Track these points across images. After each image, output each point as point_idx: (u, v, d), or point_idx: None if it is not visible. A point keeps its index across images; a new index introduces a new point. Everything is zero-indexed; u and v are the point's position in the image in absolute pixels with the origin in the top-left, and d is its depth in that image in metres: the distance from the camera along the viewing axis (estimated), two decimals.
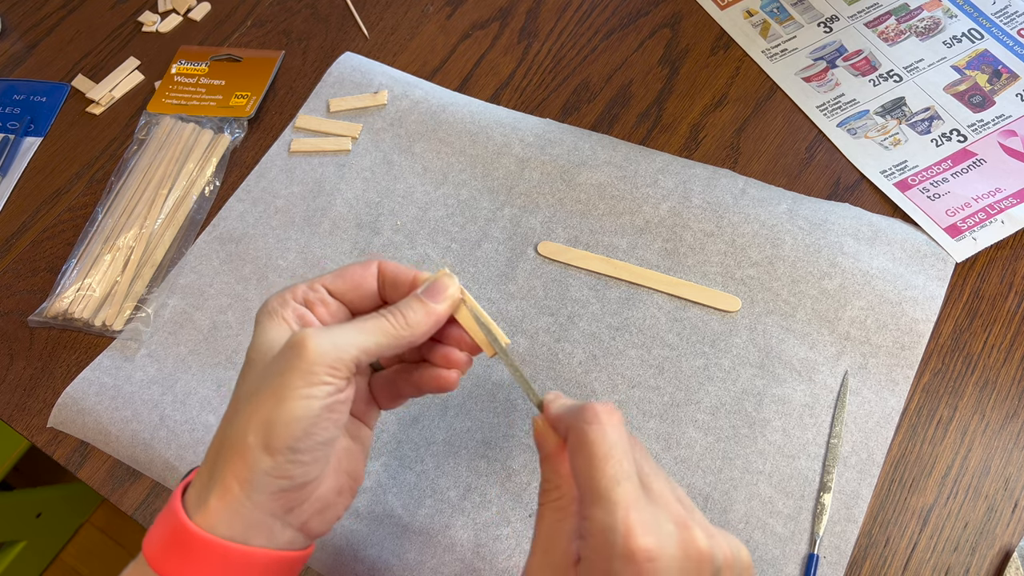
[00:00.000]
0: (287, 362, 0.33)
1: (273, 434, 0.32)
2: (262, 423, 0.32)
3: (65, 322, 0.58)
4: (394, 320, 0.36)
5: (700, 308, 0.54)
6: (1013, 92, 0.61)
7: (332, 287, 0.37)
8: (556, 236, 0.57)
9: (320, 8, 0.74)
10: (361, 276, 0.38)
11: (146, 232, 0.60)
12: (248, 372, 0.35)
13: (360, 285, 0.38)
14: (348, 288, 0.38)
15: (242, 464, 0.32)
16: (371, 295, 0.38)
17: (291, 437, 0.32)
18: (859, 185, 0.59)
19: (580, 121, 0.64)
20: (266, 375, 0.34)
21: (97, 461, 0.53)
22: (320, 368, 0.33)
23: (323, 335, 0.33)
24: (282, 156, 0.64)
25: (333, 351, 0.33)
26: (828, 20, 0.67)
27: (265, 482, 0.33)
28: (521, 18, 0.70)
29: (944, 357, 0.52)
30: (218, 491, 0.33)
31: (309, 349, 0.33)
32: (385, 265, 0.38)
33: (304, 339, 0.33)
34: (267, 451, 0.32)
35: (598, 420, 0.31)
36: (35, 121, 0.70)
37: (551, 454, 0.34)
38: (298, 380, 0.32)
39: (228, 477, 0.33)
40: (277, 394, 0.32)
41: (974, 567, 0.46)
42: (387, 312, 0.36)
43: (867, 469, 0.48)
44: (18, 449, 1.12)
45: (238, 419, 0.33)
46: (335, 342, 0.33)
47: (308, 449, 0.33)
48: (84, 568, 1.30)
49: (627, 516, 0.29)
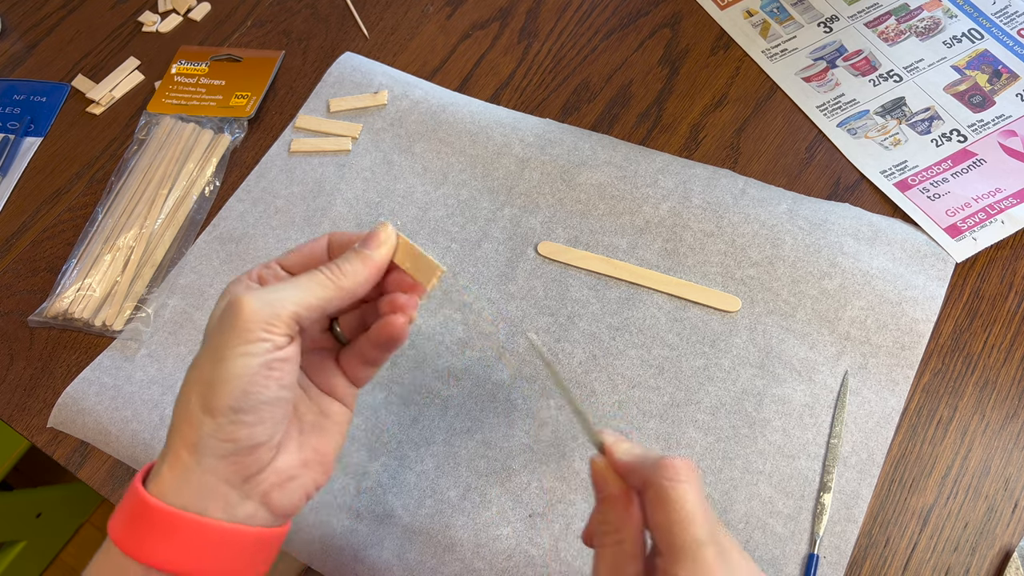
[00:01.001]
0: (225, 323, 0.33)
1: (212, 394, 0.32)
2: (202, 384, 0.33)
3: (65, 322, 0.58)
4: (330, 272, 0.36)
5: (700, 308, 0.54)
6: (1013, 92, 0.61)
7: (285, 262, 0.38)
8: (556, 236, 0.57)
9: (320, 8, 0.74)
10: (311, 249, 0.38)
11: (146, 232, 0.60)
12: (205, 338, 0.35)
13: (311, 257, 0.38)
14: (300, 262, 0.38)
15: (188, 428, 0.33)
16: (316, 258, 0.38)
17: (230, 396, 0.32)
18: (859, 185, 0.59)
19: (580, 121, 0.64)
20: (206, 340, 0.34)
21: (97, 461, 0.53)
22: (255, 325, 0.33)
23: (258, 294, 0.34)
24: (282, 156, 0.64)
25: (268, 308, 0.33)
26: (828, 20, 0.67)
27: (211, 445, 0.32)
28: (521, 18, 0.70)
29: (944, 357, 0.52)
30: (169, 459, 0.33)
31: (244, 308, 0.33)
32: (335, 234, 0.39)
33: (239, 299, 0.33)
34: (208, 412, 0.32)
35: (680, 478, 0.31)
36: (35, 121, 0.70)
37: (614, 497, 0.33)
38: (234, 339, 0.33)
39: (177, 444, 0.33)
40: (215, 355, 0.33)
41: (974, 567, 0.46)
42: (324, 267, 0.36)
43: (867, 469, 0.48)
44: (18, 449, 1.12)
45: (184, 388, 0.34)
46: (270, 300, 0.34)
47: (250, 409, 0.33)
48: (84, 568, 1.30)
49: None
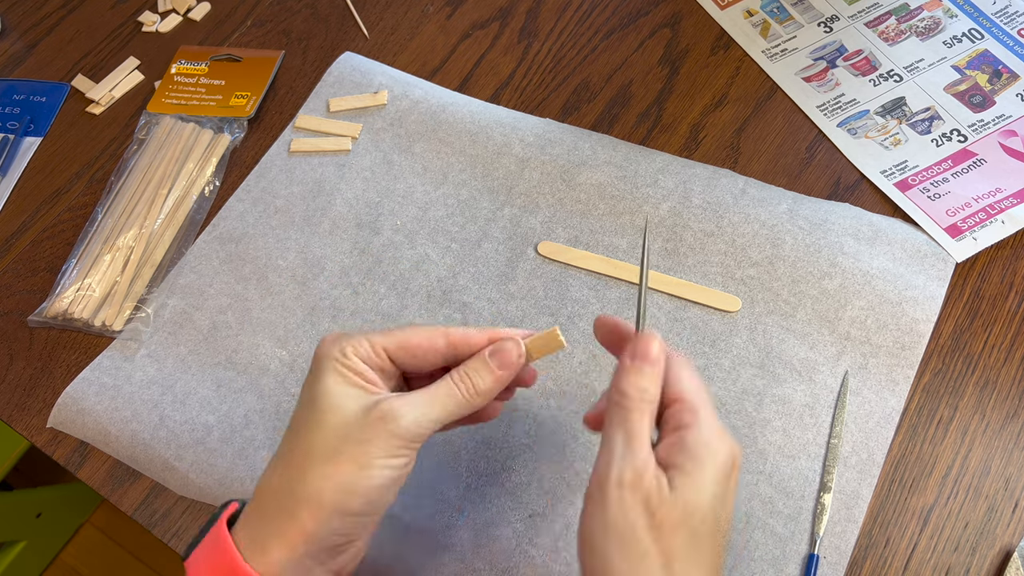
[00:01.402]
0: (373, 431, 0.35)
1: (352, 499, 0.34)
2: (341, 487, 0.34)
3: (65, 322, 0.58)
4: (465, 390, 0.37)
5: (700, 308, 0.54)
6: (1013, 92, 0.61)
7: (394, 355, 0.38)
8: (556, 236, 0.57)
9: (320, 8, 0.74)
10: (425, 351, 0.38)
11: (146, 232, 0.60)
12: (317, 426, 0.36)
13: (424, 359, 0.38)
14: (411, 360, 0.38)
15: (312, 521, 0.34)
16: (431, 366, 0.39)
17: (368, 503, 0.35)
18: (859, 185, 0.59)
19: (580, 121, 0.64)
20: (347, 439, 0.35)
21: (97, 461, 0.53)
22: (403, 442, 0.35)
23: (407, 409, 0.35)
24: (282, 156, 0.64)
25: (415, 427, 0.35)
26: (828, 20, 0.67)
27: (330, 539, 0.35)
28: (521, 18, 0.70)
29: (944, 357, 0.52)
30: (281, 543, 0.34)
31: (397, 423, 0.35)
32: (454, 337, 0.38)
33: (392, 413, 0.35)
34: (341, 513, 0.34)
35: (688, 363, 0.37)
36: (35, 121, 0.70)
37: (658, 361, 0.36)
38: (382, 451, 0.34)
39: (294, 531, 0.34)
40: (360, 462, 0.34)
41: (974, 567, 0.46)
42: (457, 379, 0.37)
43: (867, 469, 0.48)
44: (18, 449, 1.12)
45: (312, 477, 0.35)
46: (417, 418, 0.35)
47: (376, 512, 0.36)
48: (84, 568, 1.30)
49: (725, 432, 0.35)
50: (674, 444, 0.34)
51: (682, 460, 0.33)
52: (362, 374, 0.37)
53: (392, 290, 0.57)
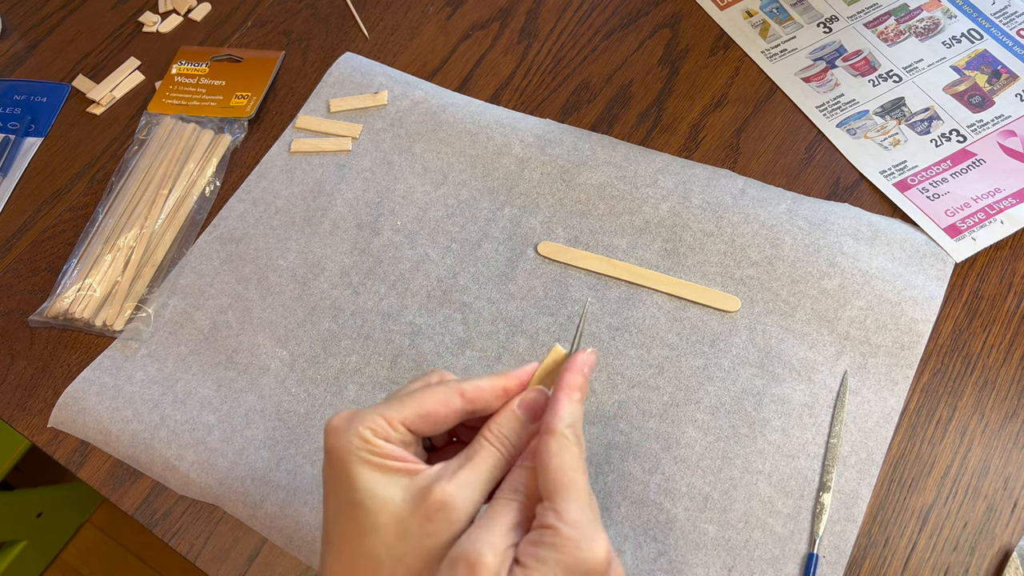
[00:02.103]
0: (435, 524, 0.33)
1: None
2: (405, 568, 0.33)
3: (66, 322, 0.58)
4: (505, 451, 0.36)
5: (700, 308, 0.54)
6: (1012, 92, 0.61)
7: (413, 427, 0.36)
8: (556, 236, 0.57)
9: (320, 8, 0.74)
10: (443, 415, 0.36)
11: (146, 232, 0.60)
12: (371, 531, 0.34)
13: (441, 423, 0.36)
14: (430, 427, 0.36)
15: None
16: (450, 427, 0.37)
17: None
18: (858, 185, 0.59)
19: (580, 121, 0.64)
20: (407, 537, 0.33)
21: (97, 461, 0.53)
22: (465, 524, 0.33)
23: (463, 489, 0.33)
24: (282, 156, 0.64)
25: (472, 506, 0.34)
26: (828, 20, 0.67)
27: None
28: (521, 18, 0.70)
29: (943, 357, 0.52)
30: None
31: (458, 509, 0.33)
32: (469, 394, 0.36)
33: (449, 502, 0.33)
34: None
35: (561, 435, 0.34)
36: (36, 121, 0.70)
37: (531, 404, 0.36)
38: (450, 539, 0.33)
39: None
40: (432, 554, 0.33)
41: (973, 567, 0.46)
42: (494, 440, 0.36)
43: (866, 469, 0.48)
44: (19, 449, 1.12)
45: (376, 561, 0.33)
46: (473, 496, 0.34)
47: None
48: (85, 568, 1.30)
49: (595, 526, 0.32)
50: (529, 540, 0.32)
51: (528, 559, 0.31)
52: (392, 456, 0.34)
53: (392, 290, 0.57)
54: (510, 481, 0.34)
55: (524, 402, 0.36)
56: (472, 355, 0.54)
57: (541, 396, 0.37)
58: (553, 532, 0.31)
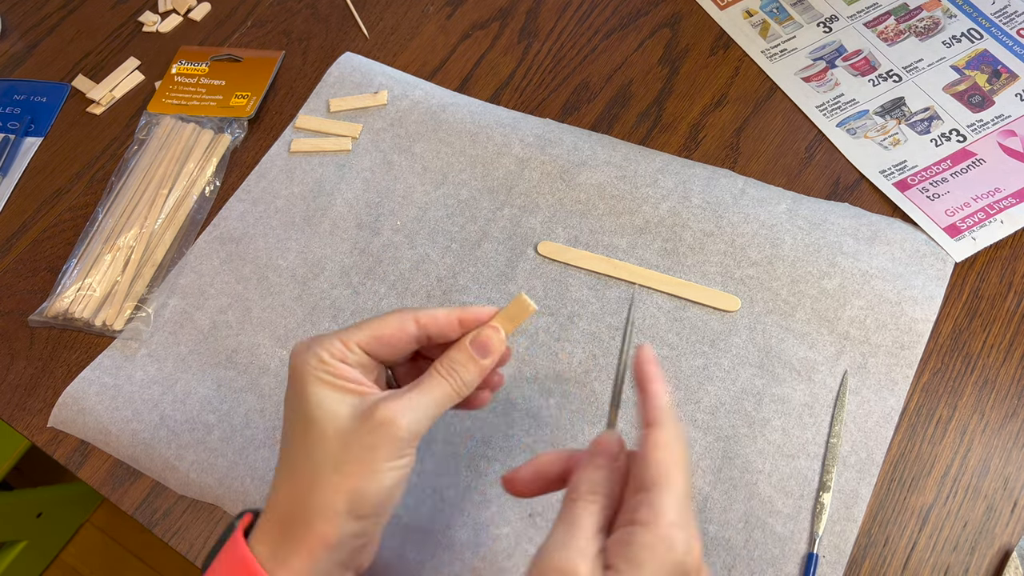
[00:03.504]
0: (376, 438, 0.35)
1: (364, 503, 0.35)
2: (354, 495, 0.35)
3: (65, 322, 0.58)
4: (453, 383, 0.37)
5: (700, 308, 0.54)
6: (1012, 92, 0.61)
7: (368, 349, 0.38)
8: (556, 236, 0.57)
9: (320, 8, 0.74)
10: (397, 339, 0.38)
11: (146, 232, 0.60)
12: (318, 439, 0.36)
13: (396, 347, 0.38)
14: (385, 350, 0.38)
15: (330, 529, 0.35)
16: (406, 352, 0.39)
17: (379, 504, 0.35)
18: (858, 185, 0.59)
19: (580, 121, 0.64)
20: (350, 447, 0.35)
21: (97, 461, 0.53)
22: (406, 443, 0.35)
23: (405, 411, 0.36)
24: (282, 156, 0.64)
25: (416, 426, 0.36)
26: (828, 20, 0.67)
27: (349, 543, 0.35)
28: (521, 18, 0.70)
29: (943, 357, 0.52)
30: (302, 554, 0.35)
31: (399, 427, 0.35)
32: (423, 320, 0.38)
33: (392, 418, 0.35)
34: (357, 518, 0.35)
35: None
36: (35, 121, 0.70)
37: (617, 458, 0.35)
38: (387, 455, 0.35)
39: (313, 540, 0.35)
40: (369, 467, 0.35)
41: (973, 566, 0.46)
42: (444, 372, 0.38)
43: (866, 468, 0.48)
44: (18, 449, 1.12)
45: (323, 489, 0.35)
46: (417, 418, 0.36)
47: (387, 512, 0.37)
48: (85, 568, 1.30)
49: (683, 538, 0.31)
50: (619, 541, 0.32)
51: (619, 561, 0.31)
52: (346, 376, 0.37)
53: (392, 290, 0.57)
54: (587, 483, 0.34)
55: (477, 338, 0.38)
56: None
57: (495, 333, 0.38)
58: (645, 530, 0.31)
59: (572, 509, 0.33)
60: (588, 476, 0.34)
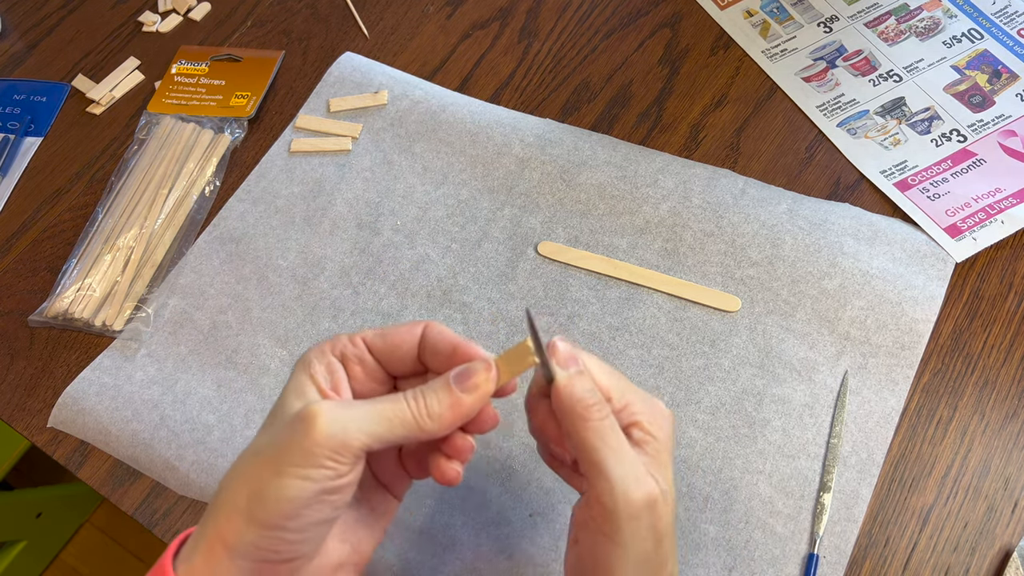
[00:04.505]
0: (292, 435, 0.31)
1: (263, 508, 0.31)
2: (253, 492, 0.31)
3: (65, 322, 0.58)
4: (416, 408, 0.33)
5: (700, 308, 0.54)
6: (1013, 92, 0.61)
7: (373, 345, 0.35)
8: (556, 236, 0.57)
9: (320, 8, 0.74)
10: (402, 339, 0.35)
11: (146, 232, 0.60)
12: (267, 424, 0.33)
13: (400, 347, 0.35)
14: (388, 349, 0.35)
15: (229, 528, 0.31)
16: (411, 359, 0.36)
17: (280, 515, 0.31)
18: (859, 185, 0.59)
19: (580, 121, 0.64)
20: (272, 440, 0.32)
21: (97, 461, 0.53)
22: (322, 450, 0.30)
23: (335, 414, 0.31)
24: (282, 156, 0.64)
25: (341, 435, 0.31)
26: (828, 20, 0.67)
27: (249, 551, 0.31)
28: (521, 18, 0.70)
29: (944, 357, 0.52)
30: (204, 550, 0.31)
31: (316, 428, 0.31)
32: (431, 329, 0.35)
33: (313, 415, 0.31)
34: (253, 523, 0.31)
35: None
36: (35, 121, 0.70)
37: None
38: (297, 458, 0.31)
39: (214, 538, 0.31)
40: (274, 466, 0.31)
41: (974, 567, 0.46)
42: (410, 396, 0.33)
43: (867, 469, 0.48)
44: (18, 449, 1.12)
45: (238, 477, 0.32)
46: (345, 426, 0.31)
47: (298, 529, 0.31)
48: (84, 568, 1.30)
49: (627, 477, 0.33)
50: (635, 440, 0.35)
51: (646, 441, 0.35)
52: (332, 372, 0.34)
53: (392, 290, 0.57)
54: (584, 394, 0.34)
55: (462, 371, 0.34)
56: None
57: (484, 370, 0.34)
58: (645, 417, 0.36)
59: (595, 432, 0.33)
60: (580, 387, 0.34)
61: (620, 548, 0.33)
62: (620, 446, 0.33)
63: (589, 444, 0.33)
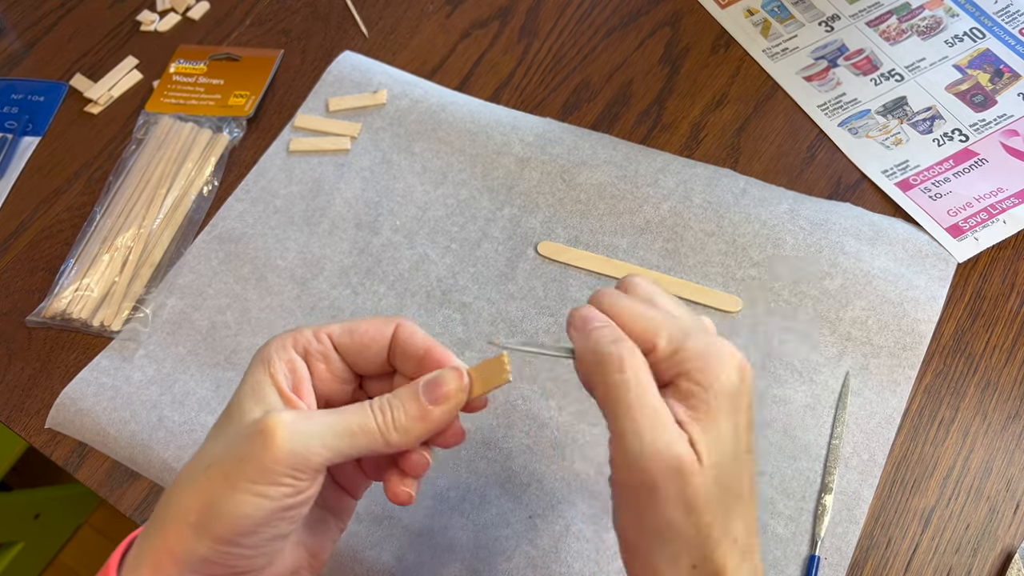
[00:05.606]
0: (249, 448, 0.29)
1: (215, 522, 0.29)
2: (206, 506, 0.29)
3: (63, 322, 0.57)
4: (381, 421, 0.31)
5: (701, 308, 0.54)
6: (1015, 91, 0.60)
7: (340, 343, 0.33)
8: (556, 236, 0.57)
9: (319, 7, 0.73)
10: (372, 338, 0.33)
11: (144, 232, 0.60)
12: (220, 428, 0.31)
13: (369, 348, 0.33)
14: (356, 347, 0.33)
15: (178, 541, 0.29)
16: (380, 360, 0.34)
17: (234, 531, 0.29)
18: (860, 185, 0.58)
19: (580, 120, 0.63)
20: (228, 451, 0.30)
21: (95, 462, 0.53)
22: (281, 468, 0.29)
23: (295, 427, 0.29)
24: (281, 155, 0.64)
25: (301, 451, 0.29)
26: (829, 19, 0.66)
27: (201, 566, 0.29)
28: (521, 17, 0.70)
29: (946, 358, 0.52)
30: (151, 563, 0.30)
31: (275, 444, 0.29)
32: (402, 330, 0.33)
33: (272, 429, 0.29)
34: (205, 537, 0.29)
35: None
36: (33, 120, 0.70)
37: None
38: (255, 474, 0.29)
39: (162, 551, 0.29)
40: (229, 480, 0.29)
41: (976, 568, 0.46)
42: (376, 407, 0.31)
43: (868, 470, 0.48)
44: (16, 450, 1.12)
45: (188, 489, 0.30)
46: (307, 442, 0.29)
47: (253, 545, 0.30)
48: (83, 569, 1.30)
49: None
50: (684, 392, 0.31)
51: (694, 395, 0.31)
52: (294, 372, 0.32)
53: (391, 290, 0.56)
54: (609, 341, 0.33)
55: (431, 380, 0.32)
56: (472, 355, 0.53)
57: (454, 379, 0.32)
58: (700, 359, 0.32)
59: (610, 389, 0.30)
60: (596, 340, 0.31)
61: (635, 519, 0.30)
62: (640, 404, 0.30)
63: (600, 403, 0.30)
